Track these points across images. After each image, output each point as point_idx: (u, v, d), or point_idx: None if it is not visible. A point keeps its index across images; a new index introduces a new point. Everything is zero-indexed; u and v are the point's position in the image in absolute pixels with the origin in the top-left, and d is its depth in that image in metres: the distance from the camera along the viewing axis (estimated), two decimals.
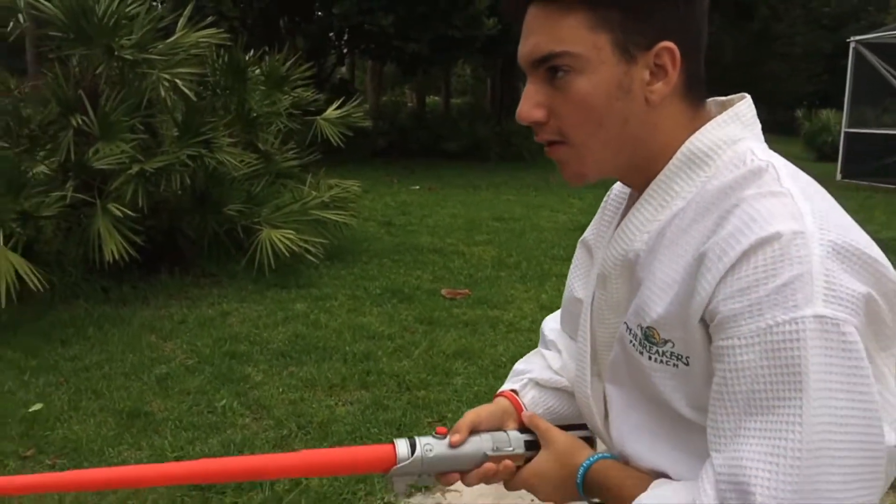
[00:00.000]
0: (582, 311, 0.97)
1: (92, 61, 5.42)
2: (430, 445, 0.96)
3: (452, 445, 0.96)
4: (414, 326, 4.85)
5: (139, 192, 5.04)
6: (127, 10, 5.24)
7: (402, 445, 0.95)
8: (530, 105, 0.82)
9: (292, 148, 6.73)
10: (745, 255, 0.71)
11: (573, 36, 0.78)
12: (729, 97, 0.87)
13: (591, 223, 1.01)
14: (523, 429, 1.00)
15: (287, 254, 5.70)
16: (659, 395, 0.82)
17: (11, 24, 5.37)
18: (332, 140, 6.80)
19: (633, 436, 0.88)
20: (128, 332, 4.67)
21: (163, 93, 5.17)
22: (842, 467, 0.67)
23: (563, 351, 1.08)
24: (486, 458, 0.97)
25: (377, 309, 5.24)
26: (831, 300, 0.68)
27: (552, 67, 0.80)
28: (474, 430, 0.98)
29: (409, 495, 2.88)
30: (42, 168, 5.43)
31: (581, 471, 0.90)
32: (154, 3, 5.54)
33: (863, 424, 0.68)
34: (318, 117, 6.94)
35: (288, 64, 6.50)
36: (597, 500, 0.90)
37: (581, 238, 1.00)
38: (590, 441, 1.00)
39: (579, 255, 1.03)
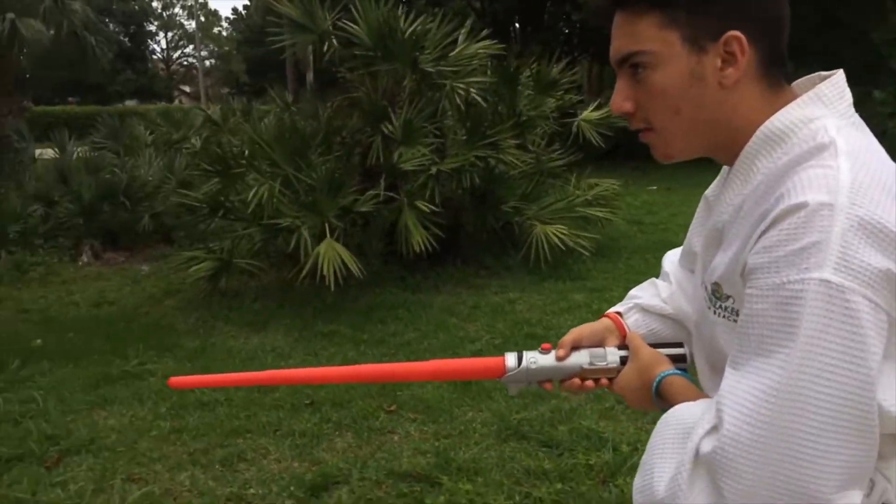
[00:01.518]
0: (697, 263, 1.04)
1: (392, 75, 6.11)
2: (535, 359, 1.10)
3: (557, 359, 1.10)
4: None
5: (434, 190, 5.63)
6: (428, 27, 5.85)
7: (510, 358, 1.10)
8: (620, 98, 0.94)
9: (556, 149, 7.08)
10: (777, 218, 0.78)
11: (647, 36, 0.88)
12: (830, 72, 0.91)
13: (714, 181, 1.08)
14: (622, 346, 1.11)
15: (562, 248, 6.04)
16: (720, 347, 0.91)
17: (326, 44, 6.18)
18: (594, 140, 7.04)
19: (706, 372, 1.00)
20: (431, 314, 5.24)
21: (458, 101, 5.72)
22: (819, 416, 0.72)
23: (674, 283, 1.19)
24: (583, 370, 1.09)
25: None
26: (842, 269, 0.73)
27: (633, 64, 0.91)
28: (576, 346, 1.11)
29: None
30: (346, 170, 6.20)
31: (654, 383, 1.01)
32: (431, 19, 6.06)
33: (852, 385, 0.72)
34: (578, 118, 7.22)
35: (559, 68, 6.86)
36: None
37: (704, 193, 1.08)
38: (683, 358, 1.08)
39: (700, 209, 1.09)
